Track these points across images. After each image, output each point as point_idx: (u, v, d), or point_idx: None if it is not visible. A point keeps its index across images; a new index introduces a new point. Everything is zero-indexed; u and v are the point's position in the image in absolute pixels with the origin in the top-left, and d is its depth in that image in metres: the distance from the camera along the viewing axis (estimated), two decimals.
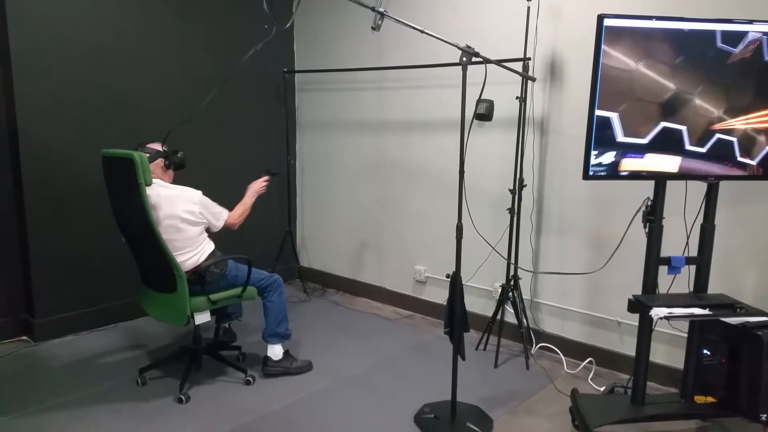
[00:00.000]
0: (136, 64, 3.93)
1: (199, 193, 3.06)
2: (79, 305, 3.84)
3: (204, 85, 4.28)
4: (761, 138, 2.42)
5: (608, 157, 2.38)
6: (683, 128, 2.38)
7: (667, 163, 2.41)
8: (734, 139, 2.42)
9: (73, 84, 3.66)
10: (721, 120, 2.38)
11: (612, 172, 2.40)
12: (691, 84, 2.34)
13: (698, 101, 2.36)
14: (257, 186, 3.39)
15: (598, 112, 2.33)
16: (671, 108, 2.35)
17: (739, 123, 2.38)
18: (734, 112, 2.38)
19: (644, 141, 2.39)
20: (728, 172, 2.44)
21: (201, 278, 2.99)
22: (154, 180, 3.00)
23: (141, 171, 2.73)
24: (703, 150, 2.42)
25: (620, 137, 2.36)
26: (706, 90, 2.35)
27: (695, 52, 2.31)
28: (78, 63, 3.66)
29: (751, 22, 2.33)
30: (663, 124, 2.37)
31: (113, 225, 3.12)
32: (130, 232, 3.04)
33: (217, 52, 4.35)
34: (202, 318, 3.01)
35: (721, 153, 2.42)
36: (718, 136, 2.41)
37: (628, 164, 2.41)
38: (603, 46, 2.27)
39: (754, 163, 2.45)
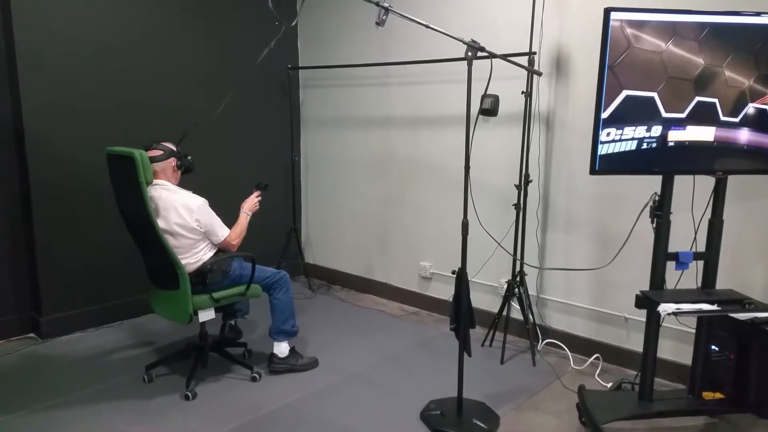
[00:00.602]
0: (142, 62, 3.92)
1: (200, 201, 3.01)
2: (85, 303, 3.85)
3: (210, 83, 4.27)
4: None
5: (656, 131, 2.39)
6: (715, 101, 2.38)
7: (705, 133, 2.42)
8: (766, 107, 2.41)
9: (80, 83, 3.67)
10: (752, 91, 2.38)
11: (661, 143, 2.40)
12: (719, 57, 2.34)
13: (728, 73, 2.36)
14: (250, 204, 3.28)
15: (640, 93, 2.34)
16: (702, 83, 2.37)
17: None
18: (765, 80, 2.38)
19: (683, 115, 2.38)
20: (761, 139, 2.43)
21: (203, 277, 2.99)
22: (159, 181, 3.02)
23: (141, 169, 2.73)
24: (737, 120, 2.40)
25: (664, 113, 2.37)
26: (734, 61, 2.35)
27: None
28: (84, 62, 3.67)
29: (759, 14, 2.31)
30: (697, 98, 2.37)
31: (119, 223, 3.12)
32: (134, 229, 3.05)
33: (223, 50, 4.35)
34: (207, 315, 3.02)
35: (754, 121, 2.42)
36: (751, 105, 2.40)
37: (674, 135, 2.40)
38: (630, 30, 2.24)
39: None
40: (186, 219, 2.95)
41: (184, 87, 4.16)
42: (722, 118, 2.40)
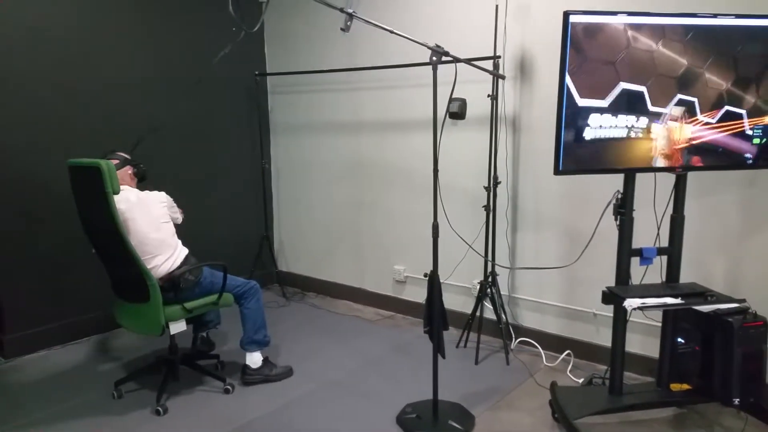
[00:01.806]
0: (104, 68, 3.86)
1: (163, 193, 3.12)
2: (50, 320, 3.77)
3: (176, 89, 4.23)
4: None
5: (643, 122, 2.43)
6: (695, 100, 2.44)
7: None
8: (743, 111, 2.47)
9: (39, 89, 3.59)
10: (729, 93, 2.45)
11: (646, 135, 2.44)
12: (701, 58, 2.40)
13: (707, 75, 2.42)
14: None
15: (629, 86, 2.38)
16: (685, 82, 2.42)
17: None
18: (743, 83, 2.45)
19: (665, 110, 2.44)
20: (735, 143, 2.49)
21: (175, 286, 2.95)
22: (123, 186, 2.98)
23: (108, 179, 2.70)
24: (713, 121, 2.46)
25: (651, 107, 2.42)
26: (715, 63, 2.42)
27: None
28: (44, 68, 3.60)
29: (714, 16, 2.38)
30: (679, 95, 2.43)
31: (83, 236, 3.07)
32: (99, 242, 3.00)
33: (189, 56, 4.31)
34: (178, 327, 2.97)
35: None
36: (727, 108, 2.46)
37: (656, 129, 2.45)
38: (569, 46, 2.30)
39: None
40: (161, 211, 3.04)
41: (148, 95, 4.11)
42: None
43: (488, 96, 3.38)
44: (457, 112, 3.37)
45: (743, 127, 2.50)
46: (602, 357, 3.32)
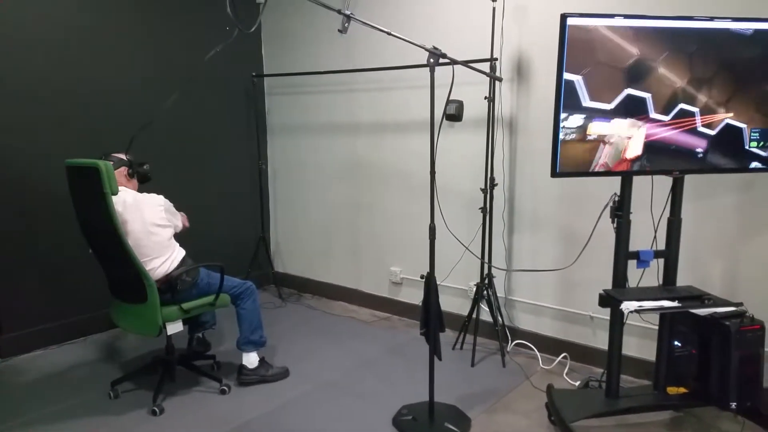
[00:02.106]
0: (100, 69, 3.86)
1: (161, 197, 3.07)
2: (47, 319, 3.76)
3: (172, 89, 4.22)
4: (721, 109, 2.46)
5: (577, 120, 2.38)
6: (648, 96, 2.41)
7: (632, 129, 2.44)
8: (696, 109, 2.45)
9: (38, 90, 3.59)
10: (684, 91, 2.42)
11: (581, 135, 2.40)
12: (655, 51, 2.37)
13: (662, 69, 2.39)
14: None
15: (566, 76, 2.34)
16: (636, 75, 2.38)
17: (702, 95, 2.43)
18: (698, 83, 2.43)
19: (610, 106, 2.41)
20: (690, 141, 2.48)
21: (172, 287, 2.95)
22: (120, 188, 2.97)
23: (107, 180, 2.69)
24: (667, 118, 2.45)
25: (586, 102, 2.38)
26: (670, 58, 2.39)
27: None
28: (42, 68, 3.59)
29: (711, 19, 2.38)
30: (627, 91, 2.40)
31: (80, 237, 3.06)
32: (97, 242, 2.99)
33: (185, 56, 4.30)
34: (175, 328, 2.97)
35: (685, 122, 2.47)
36: (681, 105, 2.44)
37: (596, 128, 2.41)
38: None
39: (713, 132, 2.48)
40: (158, 215, 2.99)
41: (146, 94, 4.10)
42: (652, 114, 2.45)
43: (485, 98, 3.38)
44: (454, 113, 3.38)
45: (695, 124, 2.49)
46: (599, 360, 3.32)
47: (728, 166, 2.54)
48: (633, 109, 2.40)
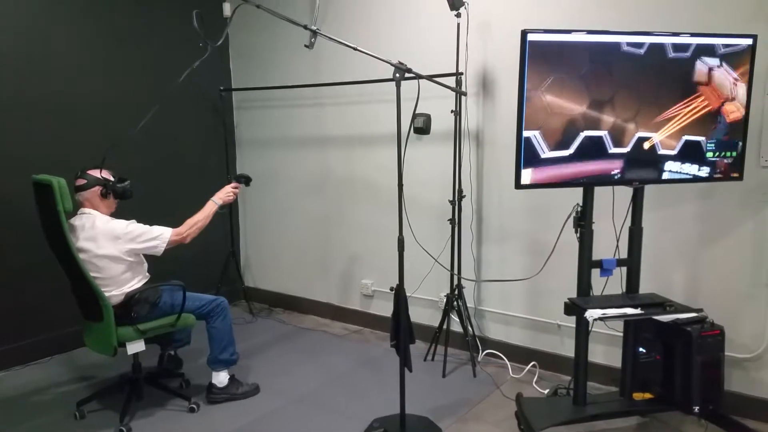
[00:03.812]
0: (69, 88, 3.81)
1: (123, 224, 2.92)
2: (9, 339, 3.66)
3: (140, 104, 4.18)
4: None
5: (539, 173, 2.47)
6: (604, 134, 2.49)
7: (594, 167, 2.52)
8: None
9: (2, 108, 3.53)
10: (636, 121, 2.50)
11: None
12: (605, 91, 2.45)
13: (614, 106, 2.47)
14: (222, 193, 3.20)
15: (525, 133, 2.42)
16: (589, 118, 2.46)
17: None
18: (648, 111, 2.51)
19: (568, 152, 2.48)
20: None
21: (128, 311, 2.89)
22: (86, 210, 2.94)
23: (59, 197, 2.66)
24: (627, 150, 2.52)
25: (545, 153, 2.45)
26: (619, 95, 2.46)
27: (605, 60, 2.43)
28: (8, 87, 3.54)
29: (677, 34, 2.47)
30: (584, 133, 2.47)
31: (45, 252, 3.00)
32: (60, 259, 2.94)
33: (152, 70, 4.27)
34: (136, 347, 2.92)
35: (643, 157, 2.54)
36: (638, 135, 2.52)
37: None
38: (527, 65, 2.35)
39: (674, 153, 2.56)
40: (110, 250, 2.87)
41: (115, 112, 4.06)
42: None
43: (451, 111, 3.43)
44: (422, 127, 3.43)
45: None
46: (567, 368, 3.36)
47: (687, 176, 2.62)
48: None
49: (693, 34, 2.47)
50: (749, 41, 2.50)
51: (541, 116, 2.41)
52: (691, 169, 2.60)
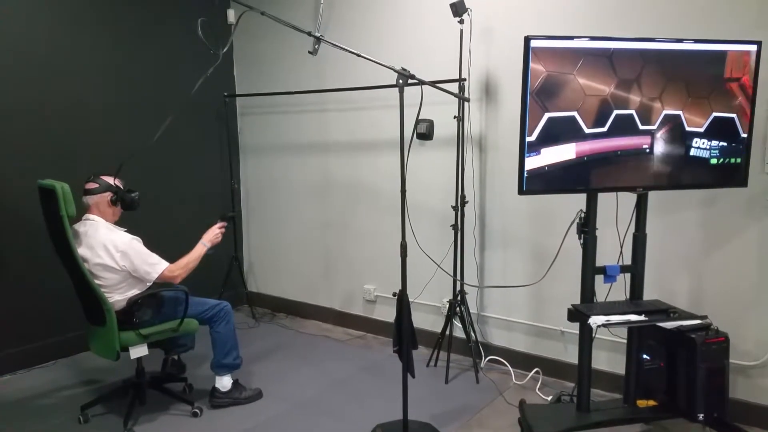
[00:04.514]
0: (75, 94, 3.84)
1: (126, 238, 2.93)
2: (14, 343, 3.68)
3: (146, 113, 4.20)
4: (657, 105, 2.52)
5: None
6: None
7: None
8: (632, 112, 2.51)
9: (10, 113, 3.56)
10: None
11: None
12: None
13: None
14: (210, 235, 3.17)
15: (557, 114, 2.41)
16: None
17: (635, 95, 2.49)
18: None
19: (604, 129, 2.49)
20: (630, 142, 2.53)
21: (131, 316, 2.90)
22: (91, 216, 2.96)
23: (62, 202, 2.68)
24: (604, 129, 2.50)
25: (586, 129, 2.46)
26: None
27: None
28: (15, 92, 3.56)
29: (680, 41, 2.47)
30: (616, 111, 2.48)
31: (51, 257, 3.01)
32: (65, 264, 2.95)
33: (158, 80, 4.29)
34: (139, 352, 2.93)
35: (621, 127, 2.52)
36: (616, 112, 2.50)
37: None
38: (531, 64, 2.36)
39: (654, 127, 2.53)
40: (105, 260, 2.87)
41: (120, 117, 4.08)
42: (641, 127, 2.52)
43: (454, 117, 3.43)
44: (425, 132, 3.43)
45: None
46: (570, 374, 3.35)
47: (691, 182, 2.62)
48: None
49: (696, 41, 2.48)
50: (753, 47, 2.50)
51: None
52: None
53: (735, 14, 2.76)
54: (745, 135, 2.57)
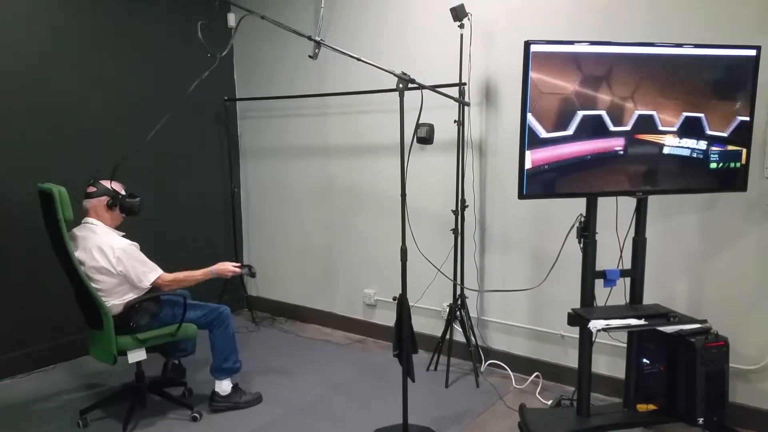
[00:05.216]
0: (73, 97, 3.84)
1: (124, 244, 2.93)
2: (14, 347, 3.67)
3: (145, 116, 4.20)
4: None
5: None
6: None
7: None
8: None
9: (9, 117, 3.56)
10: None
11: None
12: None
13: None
14: (221, 266, 3.14)
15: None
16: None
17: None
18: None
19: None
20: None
21: (128, 320, 2.90)
22: (90, 220, 2.97)
23: (59, 206, 2.69)
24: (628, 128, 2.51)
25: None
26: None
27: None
28: (13, 96, 3.56)
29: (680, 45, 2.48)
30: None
31: (50, 261, 3.01)
32: (64, 268, 2.95)
33: (157, 83, 4.29)
34: (137, 356, 2.93)
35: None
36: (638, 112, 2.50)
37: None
38: (531, 72, 2.36)
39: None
40: (101, 263, 2.87)
41: (121, 120, 4.08)
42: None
43: (454, 121, 3.44)
44: (425, 137, 3.41)
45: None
46: (570, 378, 3.34)
47: (692, 186, 2.62)
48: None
49: (696, 45, 2.48)
50: (753, 52, 2.51)
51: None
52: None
53: (734, 19, 2.77)
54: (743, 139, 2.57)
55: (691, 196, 2.92)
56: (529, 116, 2.39)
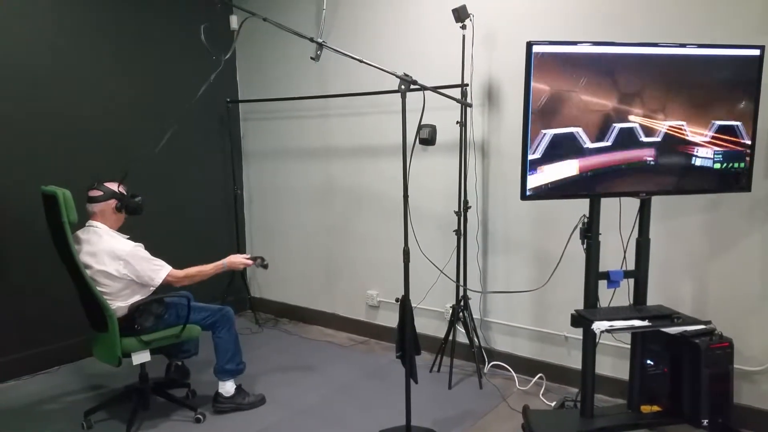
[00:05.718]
0: (77, 99, 3.85)
1: (130, 246, 2.93)
2: (18, 348, 3.68)
3: (149, 118, 4.22)
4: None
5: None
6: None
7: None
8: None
9: (13, 121, 3.57)
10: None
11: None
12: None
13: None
14: (234, 258, 3.16)
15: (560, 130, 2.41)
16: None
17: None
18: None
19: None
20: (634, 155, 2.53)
21: (133, 322, 2.91)
22: (94, 223, 2.97)
23: (63, 209, 2.68)
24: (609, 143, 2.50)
25: (587, 144, 2.47)
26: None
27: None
28: (18, 100, 3.58)
29: (683, 45, 2.47)
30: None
31: (54, 263, 3.01)
32: (68, 270, 2.96)
33: (160, 85, 4.31)
34: (141, 358, 2.93)
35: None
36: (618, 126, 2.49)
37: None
38: (532, 74, 2.36)
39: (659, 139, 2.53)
40: (108, 267, 2.88)
41: (122, 123, 4.09)
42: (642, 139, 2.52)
43: (457, 122, 3.44)
44: (427, 138, 3.42)
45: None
46: (574, 379, 3.33)
47: (696, 187, 2.61)
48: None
49: (700, 45, 2.48)
50: (756, 52, 2.50)
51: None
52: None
53: (738, 19, 2.76)
54: (749, 141, 2.56)
55: (694, 196, 2.91)
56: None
